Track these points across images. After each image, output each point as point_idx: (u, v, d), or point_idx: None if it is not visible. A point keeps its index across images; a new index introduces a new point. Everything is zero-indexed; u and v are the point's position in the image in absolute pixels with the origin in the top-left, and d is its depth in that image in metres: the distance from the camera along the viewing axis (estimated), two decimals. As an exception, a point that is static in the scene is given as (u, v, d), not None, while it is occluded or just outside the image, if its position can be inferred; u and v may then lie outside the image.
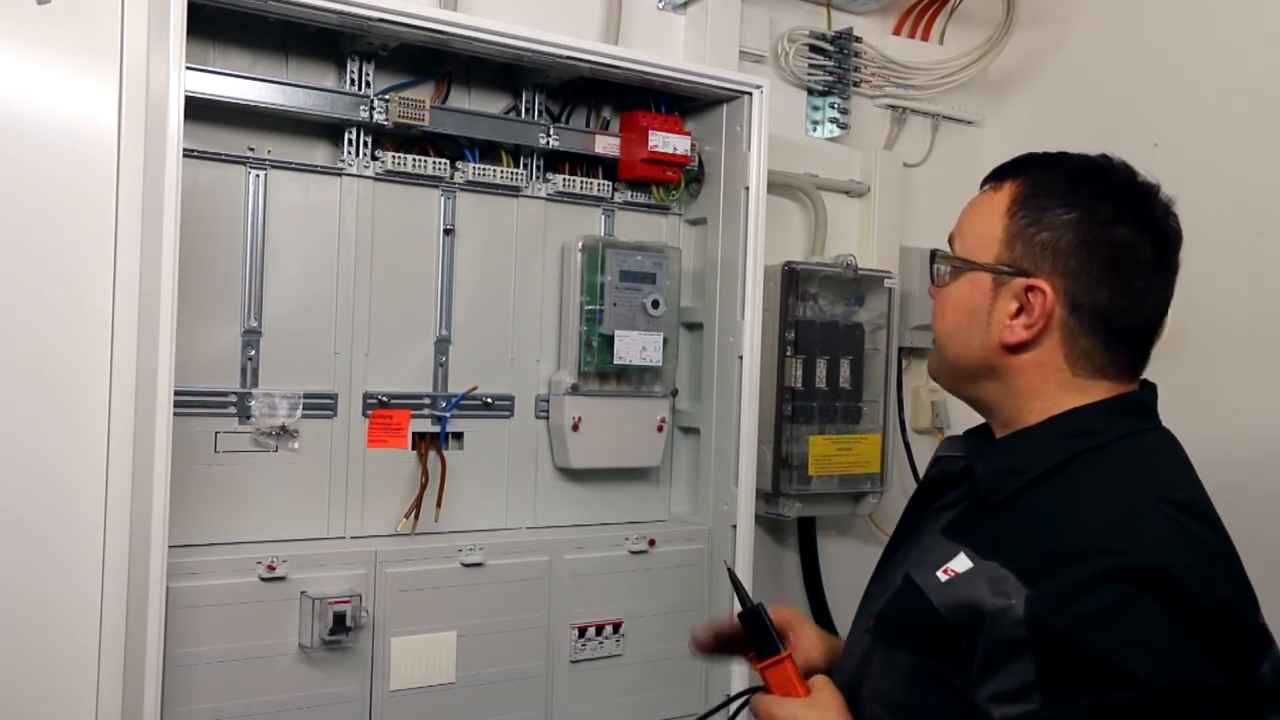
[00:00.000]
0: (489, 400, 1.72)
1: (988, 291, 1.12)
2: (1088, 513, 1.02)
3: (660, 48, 1.92)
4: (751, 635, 1.14)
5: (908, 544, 1.18)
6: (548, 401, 1.77)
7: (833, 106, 2.12)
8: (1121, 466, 1.07)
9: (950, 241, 1.18)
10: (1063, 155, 1.18)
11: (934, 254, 1.17)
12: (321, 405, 1.59)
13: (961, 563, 1.04)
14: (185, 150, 1.36)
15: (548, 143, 1.73)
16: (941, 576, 1.05)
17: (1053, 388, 1.12)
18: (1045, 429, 1.11)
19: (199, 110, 1.46)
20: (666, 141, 1.78)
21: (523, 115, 1.74)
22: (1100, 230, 1.10)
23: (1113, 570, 0.95)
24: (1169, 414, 1.19)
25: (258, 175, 1.55)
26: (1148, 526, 1.00)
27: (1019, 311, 1.10)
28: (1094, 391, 1.12)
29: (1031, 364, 1.12)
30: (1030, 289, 1.09)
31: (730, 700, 1.26)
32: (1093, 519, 1.01)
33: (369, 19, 1.47)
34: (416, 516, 1.63)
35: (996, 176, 1.18)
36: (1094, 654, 0.93)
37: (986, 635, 0.97)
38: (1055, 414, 1.11)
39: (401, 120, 1.58)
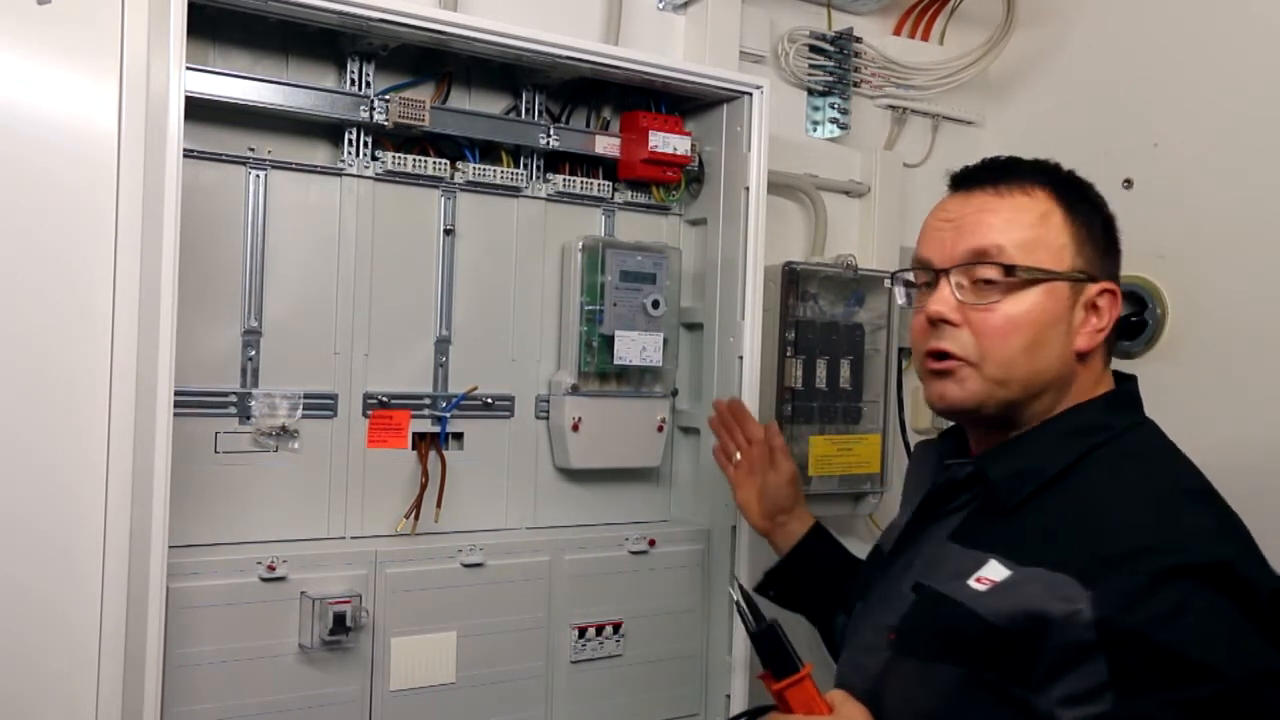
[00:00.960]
0: (489, 400, 1.72)
1: (1066, 300, 1.11)
2: (1127, 510, 1.03)
3: (660, 48, 1.92)
4: (766, 654, 1.09)
5: (908, 552, 1.17)
6: (548, 402, 1.77)
7: (833, 107, 2.13)
8: (1135, 462, 1.09)
9: (984, 254, 1.11)
10: (1038, 160, 1.19)
11: (1013, 268, 1.09)
12: (321, 405, 1.59)
13: (996, 570, 1.04)
14: (185, 150, 1.36)
15: (548, 143, 1.73)
16: (977, 586, 1.04)
17: (1091, 385, 1.14)
18: (1050, 428, 1.12)
19: (199, 110, 1.46)
20: (667, 142, 1.78)
21: (523, 115, 1.74)
22: (1111, 228, 1.16)
23: (1174, 567, 0.96)
24: (1169, 414, 1.20)
25: (258, 175, 1.55)
26: (1189, 520, 1.02)
27: (1087, 317, 1.12)
28: (1106, 383, 1.16)
29: (1087, 369, 1.13)
30: (1102, 293, 1.12)
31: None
32: (1134, 516, 1.02)
33: (369, 19, 1.47)
34: (416, 517, 1.63)
35: (997, 179, 1.15)
36: (1169, 651, 0.94)
37: (1053, 641, 0.97)
38: (1058, 410, 1.12)
39: (401, 120, 1.58)
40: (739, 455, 1.59)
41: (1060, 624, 0.97)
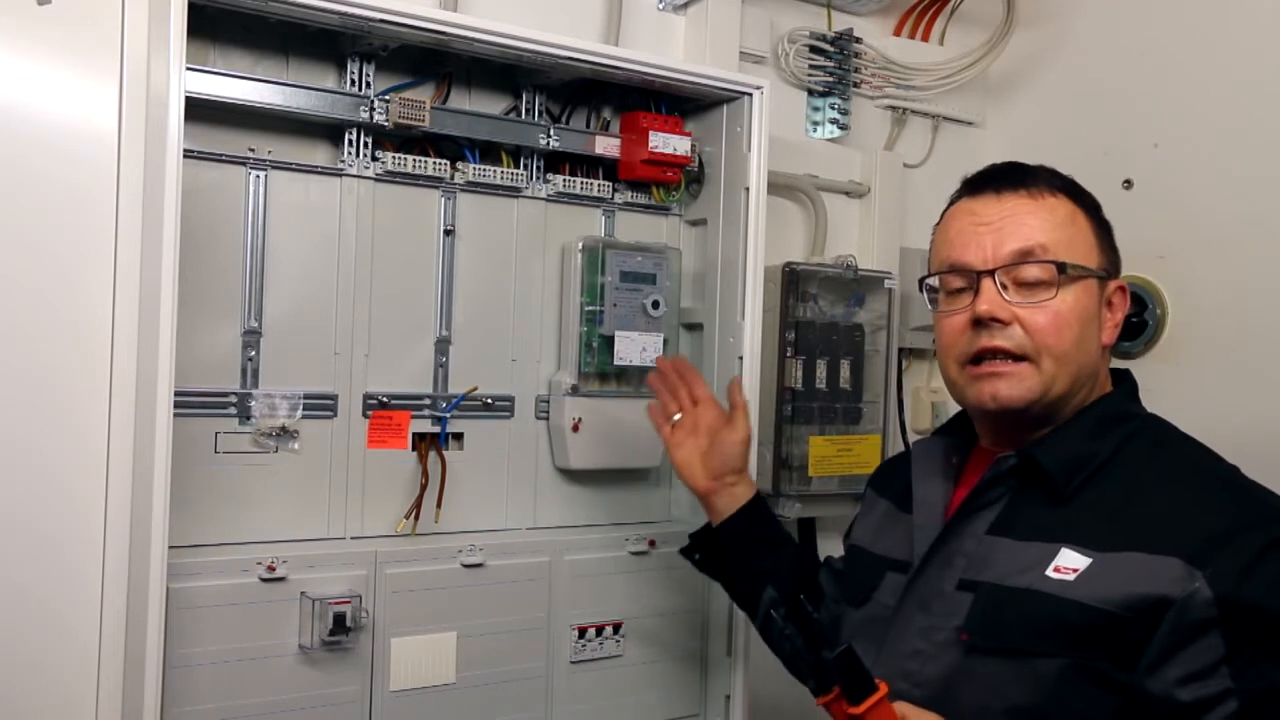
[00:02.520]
0: (489, 401, 1.72)
1: (1096, 296, 1.16)
2: (1203, 492, 1.08)
3: (660, 48, 1.92)
4: (844, 677, 1.01)
5: (942, 551, 1.16)
6: (548, 402, 1.77)
7: (833, 107, 2.13)
8: (1172, 447, 1.15)
9: (1030, 254, 1.13)
10: (1048, 167, 1.23)
11: (1064, 265, 1.13)
12: (321, 406, 1.59)
13: (1073, 559, 1.06)
14: (185, 151, 1.36)
15: (548, 143, 1.73)
16: (1059, 575, 1.06)
17: (1105, 379, 1.20)
18: (1084, 418, 1.16)
19: (199, 111, 1.46)
20: (667, 142, 1.78)
21: (523, 116, 1.74)
22: (1112, 231, 1.21)
23: (1274, 540, 1.01)
24: (1169, 414, 1.21)
25: (258, 176, 1.55)
26: (1262, 496, 1.09)
27: (1108, 313, 1.18)
28: (1111, 376, 1.21)
29: (1106, 362, 1.20)
30: (1117, 289, 1.18)
31: None
32: (1221, 497, 1.07)
33: (369, 20, 1.47)
34: (417, 517, 1.63)
35: (1019, 183, 1.17)
36: None
37: (1171, 622, 1.00)
38: (1087, 403, 1.16)
39: (402, 121, 1.58)
40: (679, 416, 1.56)
41: (1181, 604, 0.99)
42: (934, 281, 1.22)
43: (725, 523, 1.52)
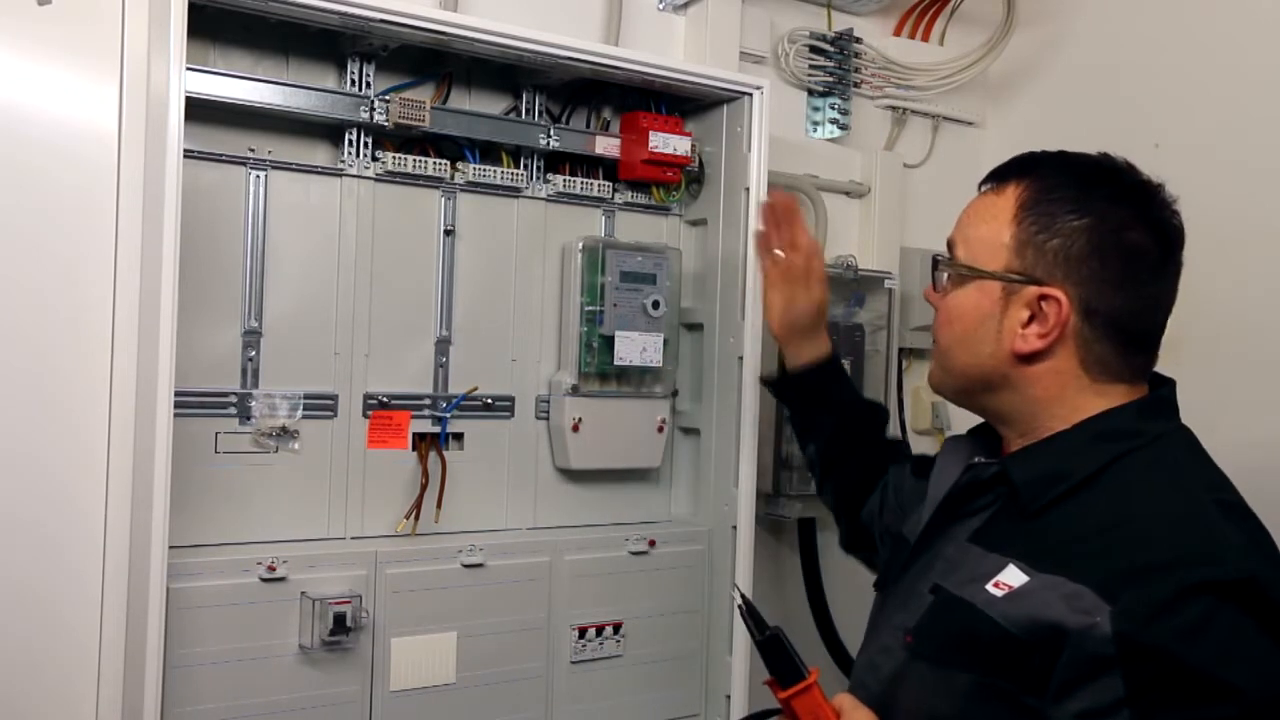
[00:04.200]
0: (489, 401, 1.72)
1: (997, 300, 1.10)
2: (1153, 522, 1.00)
3: (660, 48, 1.92)
4: (772, 662, 1.07)
5: (929, 552, 1.15)
6: (548, 402, 1.77)
7: (833, 107, 2.13)
8: (1166, 470, 1.06)
9: (950, 246, 1.16)
10: (1064, 155, 1.16)
11: (936, 261, 1.15)
12: (322, 406, 1.59)
13: (1014, 576, 1.02)
14: (185, 151, 1.36)
15: (548, 143, 1.73)
16: (994, 591, 1.02)
17: (1071, 394, 1.10)
18: (1077, 433, 1.09)
19: (199, 111, 1.46)
20: (667, 142, 1.78)
21: (523, 116, 1.74)
22: (1113, 235, 1.09)
23: (1198, 583, 0.93)
24: (1173, 416, 1.19)
25: (258, 176, 1.55)
26: (1217, 533, 0.99)
27: (1030, 320, 1.08)
28: (1113, 395, 1.11)
29: (1047, 372, 1.10)
30: (1044, 298, 1.08)
31: None
32: (1160, 528, 0.99)
33: (370, 20, 1.47)
34: (417, 517, 1.63)
35: (997, 177, 1.15)
36: (1190, 668, 0.91)
37: (1070, 654, 0.95)
38: (1084, 418, 1.09)
39: (402, 121, 1.58)
40: (780, 252, 1.53)
41: (1077, 636, 0.95)
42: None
43: (792, 374, 1.56)
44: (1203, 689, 0.92)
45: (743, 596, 1.18)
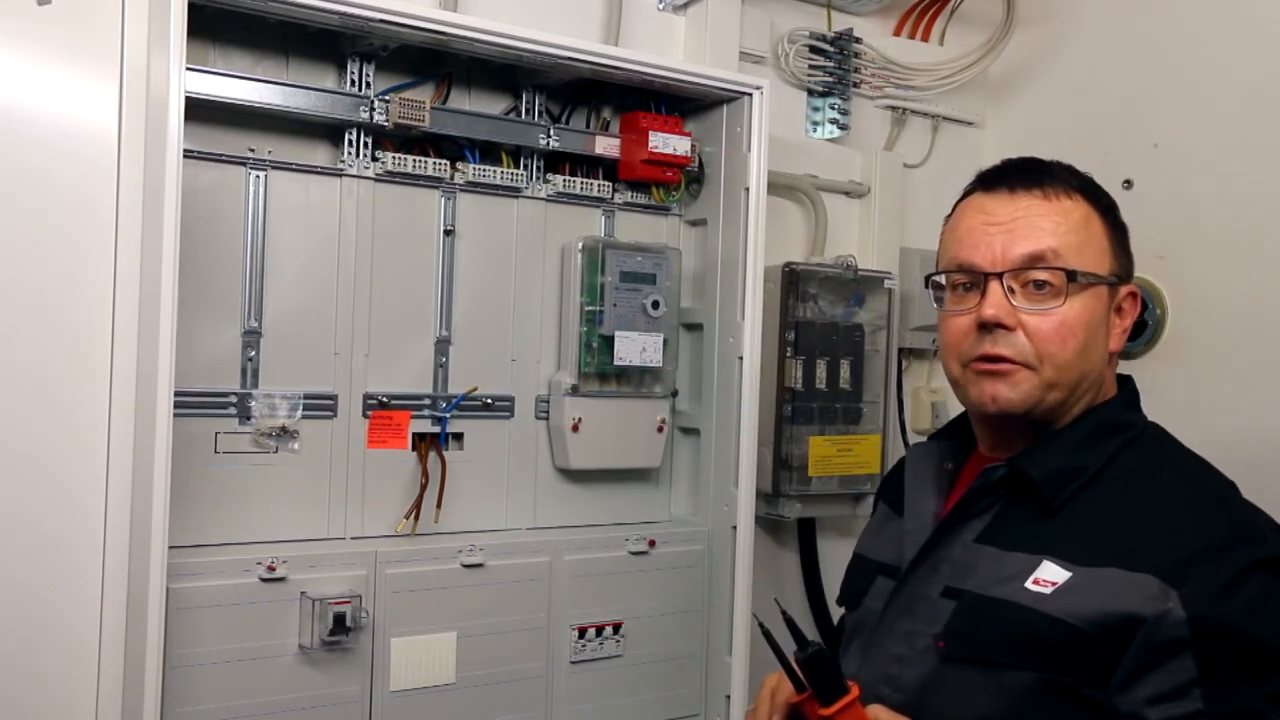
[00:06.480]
0: (489, 401, 1.72)
1: (1106, 303, 1.13)
2: (1186, 510, 1.05)
3: (660, 48, 1.92)
4: (815, 679, 1.03)
5: (930, 558, 1.14)
6: (548, 402, 1.77)
7: (833, 107, 2.13)
8: (1168, 459, 1.12)
9: (1040, 259, 1.10)
10: (1066, 164, 1.20)
11: (1074, 273, 1.10)
12: (321, 406, 1.60)
13: (1054, 572, 1.04)
14: (185, 151, 1.36)
15: (548, 143, 1.73)
16: (1037, 588, 1.04)
17: (1110, 385, 1.17)
18: (1078, 427, 1.13)
19: (199, 111, 1.46)
20: (666, 142, 1.78)
21: (523, 116, 1.74)
22: (1127, 233, 1.18)
23: (1253, 563, 0.99)
24: (1169, 415, 1.20)
25: (258, 176, 1.55)
26: (1246, 516, 1.06)
27: (1117, 320, 1.15)
28: (1114, 382, 1.18)
29: (1111, 369, 1.16)
30: (1128, 295, 1.15)
31: None
32: (1196, 515, 1.05)
33: (369, 20, 1.47)
34: (417, 517, 1.63)
35: (1034, 183, 1.14)
36: (1258, 640, 0.97)
37: (1142, 640, 0.98)
38: (1080, 412, 1.13)
39: (402, 121, 1.58)
40: None
41: (1152, 623, 0.98)
42: (940, 279, 1.19)
43: None
44: (1270, 660, 0.97)
45: (783, 612, 1.13)
